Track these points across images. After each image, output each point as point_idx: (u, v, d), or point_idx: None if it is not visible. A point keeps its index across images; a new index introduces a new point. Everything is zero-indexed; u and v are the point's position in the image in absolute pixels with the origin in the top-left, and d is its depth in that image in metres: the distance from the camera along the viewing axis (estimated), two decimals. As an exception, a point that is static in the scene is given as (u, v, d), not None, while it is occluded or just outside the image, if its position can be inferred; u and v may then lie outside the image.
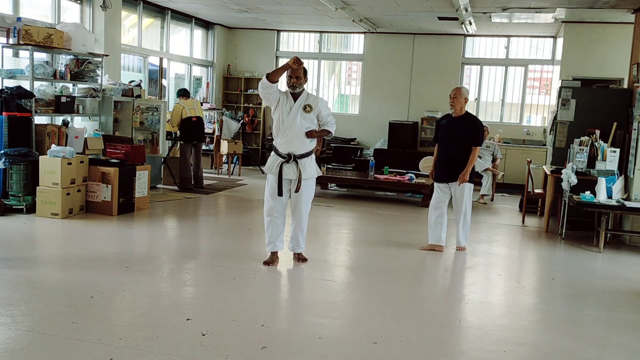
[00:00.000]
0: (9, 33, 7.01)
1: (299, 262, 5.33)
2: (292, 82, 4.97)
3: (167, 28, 11.09)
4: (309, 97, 5.07)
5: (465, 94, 5.90)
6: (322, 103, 5.11)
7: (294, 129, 5.01)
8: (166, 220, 7.14)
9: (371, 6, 9.61)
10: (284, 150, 5.06)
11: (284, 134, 5.05)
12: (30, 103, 6.78)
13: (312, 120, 5.05)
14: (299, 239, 5.28)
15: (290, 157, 5.03)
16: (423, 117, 12.21)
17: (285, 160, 5.04)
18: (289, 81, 5.00)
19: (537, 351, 3.68)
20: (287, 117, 5.01)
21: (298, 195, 5.10)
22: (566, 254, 6.45)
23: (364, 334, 3.76)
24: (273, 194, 5.10)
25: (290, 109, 5.00)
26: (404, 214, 8.22)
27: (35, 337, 3.44)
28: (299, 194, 5.09)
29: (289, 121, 5.00)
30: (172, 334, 3.58)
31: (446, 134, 6.00)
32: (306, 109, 5.00)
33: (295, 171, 5.03)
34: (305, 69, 5.03)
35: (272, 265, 5.17)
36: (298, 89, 5.01)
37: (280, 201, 5.11)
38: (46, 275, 4.75)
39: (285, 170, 5.03)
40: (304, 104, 5.00)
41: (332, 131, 5.17)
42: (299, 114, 4.99)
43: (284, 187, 5.06)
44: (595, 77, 9.56)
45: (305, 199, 5.15)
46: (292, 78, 4.96)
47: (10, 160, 6.46)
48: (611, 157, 6.93)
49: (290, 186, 5.10)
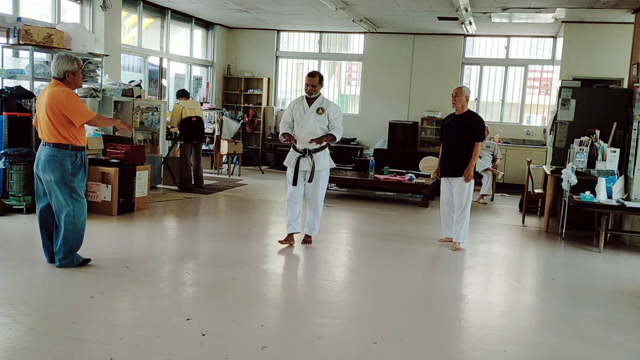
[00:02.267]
0: (9, 33, 7.01)
1: (304, 244, 6.01)
2: (308, 90, 5.77)
3: (167, 28, 11.09)
4: (323, 101, 5.82)
5: (466, 92, 6.16)
6: (332, 107, 5.83)
7: (309, 128, 5.74)
8: (166, 220, 7.14)
9: (371, 6, 9.61)
10: (301, 146, 5.81)
11: (300, 133, 5.78)
12: (30, 103, 6.78)
13: (324, 121, 5.77)
14: (315, 224, 6.00)
15: (306, 152, 5.77)
16: (423, 117, 12.21)
17: (302, 154, 5.78)
18: (306, 88, 5.79)
19: (537, 351, 3.68)
20: (303, 119, 5.76)
21: (312, 184, 5.82)
22: (566, 254, 6.45)
23: (364, 334, 3.76)
24: (291, 183, 5.86)
25: (304, 112, 5.77)
26: (404, 214, 8.22)
27: (35, 337, 3.44)
28: (313, 184, 5.81)
29: (304, 122, 5.76)
30: (172, 334, 3.58)
31: (450, 132, 6.24)
32: (319, 111, 5.75)
33: (310, 163, 5.76)
34: (321, 77, 5.79)
35: (285, 244, 5.90)
36: (314, 95, 5.78)
37: (297, 188, 5.85)
38: (46, 275, 4.75)
39: (301, 163, 5.79)
40: (317, 107, 5.75)
41: (338, 136, 5.82)
42: (313, 115, 5.74)
43: (299, 177, 5.82)
44: (595, 77, 9.56)
45: (320, 188, 5.88)
46: (308, 86, 5.76)
47: (10, 160, 6.46)
48: (611, 157, 6.93)
49: (305, 176, 5.83)
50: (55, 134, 4.61)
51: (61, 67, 4.68)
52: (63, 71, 4.68)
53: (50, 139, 4.62)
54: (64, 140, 4.62)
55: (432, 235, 6.76)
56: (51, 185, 4.64)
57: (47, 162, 4.61)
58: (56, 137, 4.61)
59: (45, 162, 4.61)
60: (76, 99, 4.69)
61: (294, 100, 5.98)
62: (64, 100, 4.57)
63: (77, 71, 4.75)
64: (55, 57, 4.76)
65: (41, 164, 4.65)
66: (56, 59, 4.71)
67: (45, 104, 4.62)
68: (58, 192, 4.65)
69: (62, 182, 4.63)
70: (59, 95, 4.59)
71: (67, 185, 4.65)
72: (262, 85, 13.02)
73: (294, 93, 13.56)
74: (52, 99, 4.59)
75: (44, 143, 4.68)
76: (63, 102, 4.57)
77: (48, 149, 4.62)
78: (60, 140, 4.62)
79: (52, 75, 4.75)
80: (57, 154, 4.61)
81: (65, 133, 4.62)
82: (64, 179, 4.63)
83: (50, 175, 4.61)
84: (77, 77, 4.76)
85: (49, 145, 4.62)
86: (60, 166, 4.61)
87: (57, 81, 4.71)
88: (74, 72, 4.71)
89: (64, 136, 4.62)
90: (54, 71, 4.72)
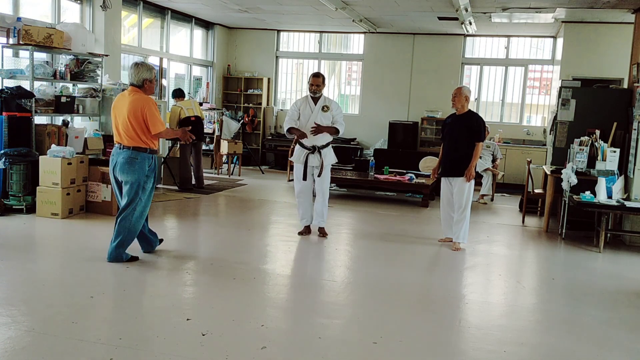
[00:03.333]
0: (9, 33, 7.00)
1: (321, 237, 6.38)
2: (313, 89, 6.20)
3: (167, 28, 11.08)
4: (326, 100, 6.27)
5: (465, 92, 6.17)
6: (334, 105, 6.32)
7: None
8: (166, 220, 7.14)
9: (371, 6, 9.61)
10: (309, 143, 6.19)
11: (308, 130, 6.13)
12: (30, 103, 6.78)
13: (329, 117, 6.21)
14: (323, 214, 6.40)
15: (315, 149, 6.18)
16: (423, 117, 12.21)
17: (311, 151, 6.17)
18: (310, 88, 6.22)
19: (537, 351, 3.68)
20: (311, 117, 6.16)
21: (321, 178, 6.26)
22: (566, 254, 6.45)
23: (364, 334, 3.76)
24: (300, 179, 6.26)
25: (311, 111, 6.18)
26: (404, 214, 8.22)
27: (35, 337, 3.44)
28: (322, 177, 6.26)
29: (312, 120, 6.14)
30: (172, 334, 3.58)
31: (450, 132, 6.25)
32: (324, 109, 6.20)
33: (319, 159, 6.19)
34: (324, 77, 6.28)
35: (305, 235, 6.40)
36: (318, 94, 6.22)
37: (306, 184, 6.27)
38: (46, 275, 4.75)
39: (310, 159, 6.20)
40: (322, 105, 6.19)
41: (341, 130, 6.26)
42: (319, 113, 6.17)
43: (308, 173, 6.22)
44: (595, 77, 9.56)
45: (327, 179, 6.38)
46: (312, 86, 6.20)
47: (10, 160, 6.46)
48: (611, 157, 6.93)
49: (313, 171, 6.26)
50: (136, 139, 4.90)
51: (142, 75, 4.97)
52: (142, 79, 4.97)
53: (130, 142, 4.91)
54: (143, 144, 4.93)
55: (432, 235, 6.76)
56: (127, 185, 4.94)
57: (126, 164, 4.90)
58: (136, 141, 4.90)
59: (125, 164, 4.90)
60: (157, 108, 4.99)
61: (299, 100, 6.37)
62: (148, 108, 4.88)
63: (154, 79, 5.08)
64: (133, 65, 5.03)
65: (119, 166, 4.93)
66: (136, 67, 4.99)
67: (128, 110, 4.87)
68: (131, 191, 4.94)
69: (137, 183, 4.94)
70: (143, 103, 4.89)
71: (140, 186, 4.96)
72: (262, 85, 13.02)
73: (294, 93, 13.57)
74: (136, 105, 4.87)
75: (121, 147, 4.94)
76: (146, 110, 4.87)
77: (127, 152, 4.91)
78: (140, 144, 4.92)
79: (131, 82, 5.01)
80: (137, 156, 4.91)
81: (145, 138, 4.92)
82: (139, 180, 4.94)
83: (128, 176, 4.92)
84: (152, 84, 5.07)
85: (128, 149, 4.91)
86: (140, 168, 4.93)
87: (135, 88, 4.99)
88: (152, 80, 5.03)
89: (144, 140, 4.93)
90: (133, 78, 4.98)
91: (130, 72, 5.02)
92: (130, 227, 4.99)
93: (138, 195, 4.96)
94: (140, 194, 4.98)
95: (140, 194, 4.98)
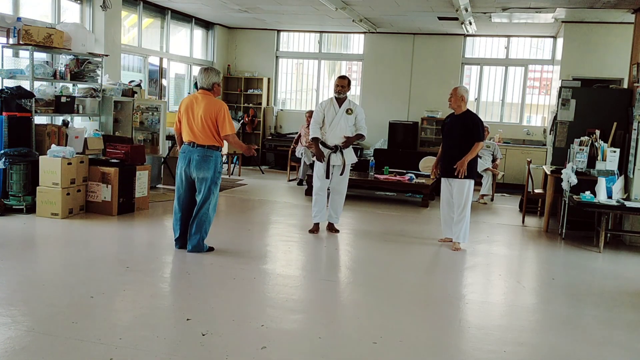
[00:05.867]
0: (9, 33, 7.00)
1: (332, 232, 6.61)
2: (338, 90, 6.42)
3: (167, 28, 11.08)
4: (350, 103, 6.49)
5: (461, 92, 6.15)
6: (358, 109, 6.54)
7: (340, 127, 6.42)
8: (166, 220, 7.13)
9: (371, 6, 9.61)
10: (332, 143, 6.42)
11: (332, 131, 6.41)
12: (30, 103, 6.78)
13: (352, 120, 6.45)
14: (338, 211, 6.63)
15: (337, 148, 6.39)
16: (423, 117, 12.20)
17: (333, 151, 6.39)
18: (335, 88, 6.45)
19: (537, 351, 3.68)
20: (335, 119, 6.40)
21: (342, 177, 6.51)
22: (566, 254, 6.45)
23: (364, 334, 3.76)
24: (321, 177, 6.47)
25: (335, 113, 6.41)
26: (404, 214, 8.22)
27: (35, 337, 3.44)
28: (343, 176, 6.51)
29: (335, 121, 6.40)
30: (172, 334, 3.58)
31: (449, 132, 6.25)
32: (348, 111, 6.44)
33: (341, 159, 6.42)
34: (349, 81, 6.52)
35: (315, 233, 6.52)
36: (342, 95, 6.44)
37: (326, 182, 6.50)
38: (46, 275, 4.75)
39: (332, 159, 6.41)
40: (347, 108, 6.42)
41: (365, 135, 6.59)
42: (343, 115, 6.41)
43: (329, 171, 6.45)
44: (595, 77, 9.55)
45: (346, 178, 6.60)
46: (338, 87, 6.43)
47: (10, 160, 6.46)
48: (611, 157, 6.93)
49: (333, 170, 6.46)
50: (212, 138, 5.27)
51: (211, 79, 5.33)
52: (212, 82, 5.33)
53: (206, 141, 5.26)
54: (217, 142, 5.32)
55: (432, 235, 6.76)
56: (203, 181, 5.29)
57: (202, 162, 5.27)
58: (212, 140, 5.27)
59: (201, 161, 5.27)
60: (229, 113, 5.37)
61: (324, 102, 6.59)
62: (222, 112, 5.26)
63: (221, 82, 5.49)
64: (202, 70, 5.39)
65: (195, 163, 5.27)
66: (205, 72, 5.34)
67: (204, 111, 5.22)
68: (208, 187, 5.31)
69: (213, 178, 5.32)
70: (219, 106, 5.28)
71: (214, 181, 5.35)
72: (262, 85, 13.02)
73: (294, 93, 13.57)
74: (212, 108, 5.24)
75: (195, 145, 5.27)
76: (221, 113, 5.24)
77: (202, 150, 5.27)
78: (214, 142, 5.30)
79: (200, 85, 5.35)
80: (212, 154, 5.30)
81: (218, 137, 5.30)
82: (215, 175, 5.33)
83: (205, 172, 5.27)
84: (220, 87, 5.46)
85: (203, 147, 5.27)
86: (215, 164, 5.32)
87: (205, 91, 5.33)
88: (219, 83, 5.41)
89: (217, 140, 5.31)
90: (203, 82, 5.32)
91: (199, 77, 5.36)
92: (208, 219, 5.40)
93: (211, 190, 5.33)
94: (213, 188, 5.34)
95: (213, 188, 5.35)
